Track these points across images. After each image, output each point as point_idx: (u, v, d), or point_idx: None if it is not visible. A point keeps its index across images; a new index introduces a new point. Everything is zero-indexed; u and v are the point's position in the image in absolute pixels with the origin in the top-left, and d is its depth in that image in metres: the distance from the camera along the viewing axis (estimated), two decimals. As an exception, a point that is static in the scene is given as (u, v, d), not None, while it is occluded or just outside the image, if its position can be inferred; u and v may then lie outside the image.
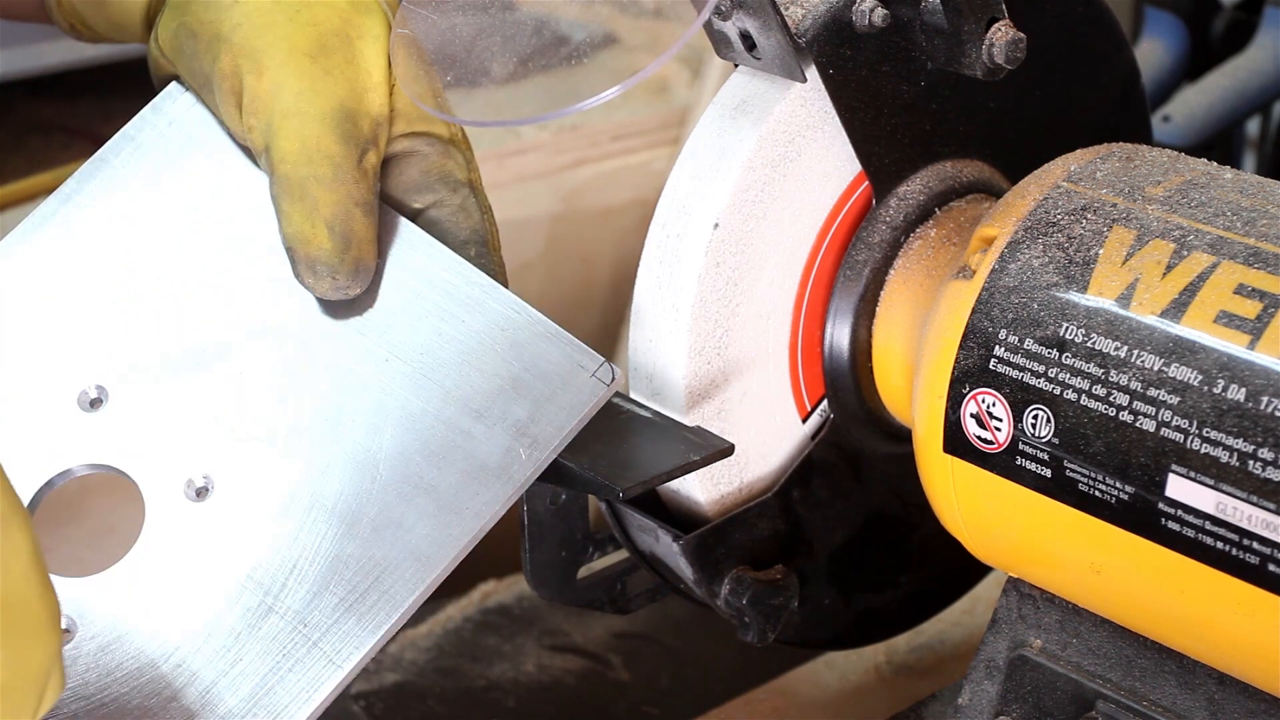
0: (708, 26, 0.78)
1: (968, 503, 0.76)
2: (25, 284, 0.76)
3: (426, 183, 0.78)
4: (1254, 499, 0.65)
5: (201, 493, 0.71)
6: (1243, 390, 0.65)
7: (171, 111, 0.79)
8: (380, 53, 0.77)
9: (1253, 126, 1.65)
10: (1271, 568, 0.65)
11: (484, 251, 0.79)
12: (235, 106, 0.76)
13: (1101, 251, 0.72)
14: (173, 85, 0.80)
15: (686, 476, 0.79)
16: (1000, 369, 0.73)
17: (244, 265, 0.76)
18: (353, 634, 0.68)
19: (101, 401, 0.73)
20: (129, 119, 0.81)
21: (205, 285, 0.76)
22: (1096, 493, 0.70)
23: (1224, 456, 0.66)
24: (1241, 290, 0.67)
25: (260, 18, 0.76)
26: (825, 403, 0.85)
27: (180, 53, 0.78)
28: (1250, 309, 0.67)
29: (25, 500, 0.71)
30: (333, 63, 0.75)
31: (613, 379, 0.72)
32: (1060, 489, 0.71)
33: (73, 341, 0.74)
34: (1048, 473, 0.71)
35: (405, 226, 0.77)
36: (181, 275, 0.76)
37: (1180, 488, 0.67)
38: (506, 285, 0.76)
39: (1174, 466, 0.67)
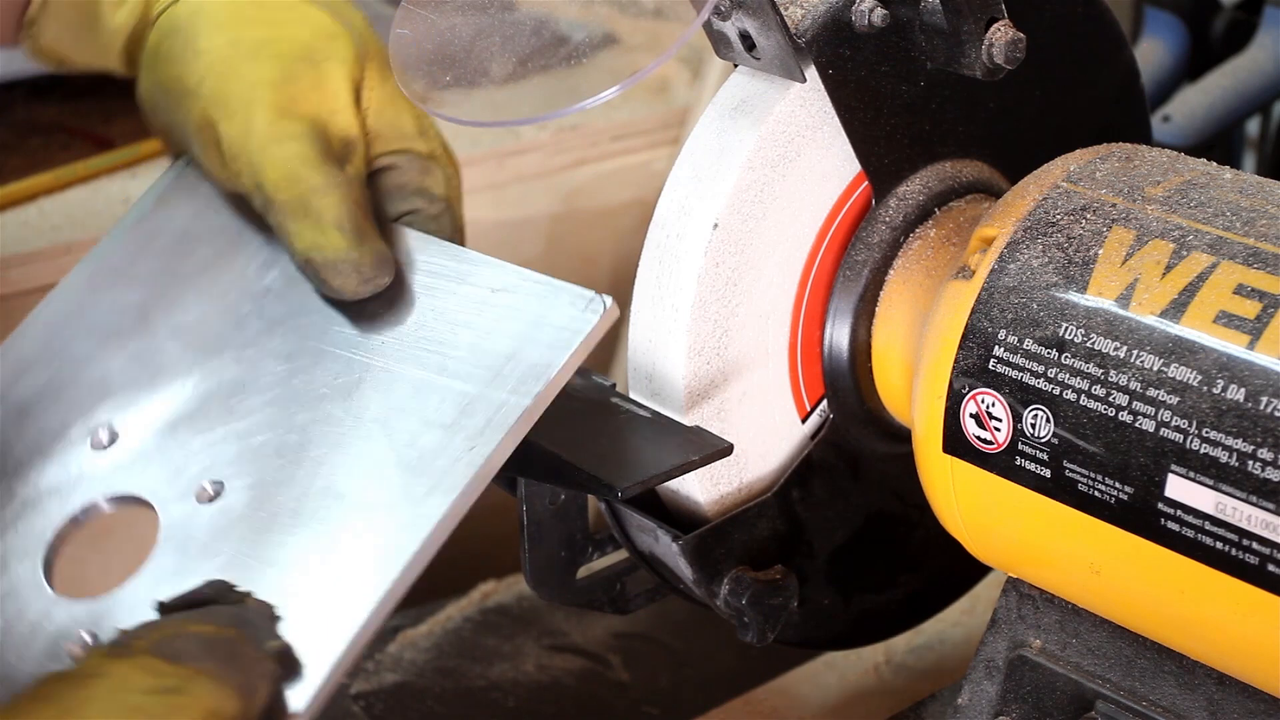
0: (707, 26, 0.78)
1: (967, 503, 0.76)
2: (47, 338, 0.78)
3: (404, 195, 0.81)
4: (1253, 499, 0.65)
5: (214, 498, 0.71)
6: (1242, 390, 0.65)
7: (172, 178, 0.82)
8: (346, 75, 0.79)
9: (1253, 126, 1.65)
10: (1271, 568, 0.65)
11: None
12: (216, 156, 0.77)
13: (1101, 252, 0.72)
14: (181, 161, 0.83)
15: (686, 476, 0.79)
16: (1000, 369, 0.73)
17: (239, 310, 0.77)
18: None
19: (115, 439, 0.74)
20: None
21: (205, 330, 0.77)
22: (1096, 493, 0.70)
23: (1223, 456, 0.66)
24: (1241, 290, 0.67)
25: (223, 65, 0.78)
26: (825, 403, 0.84)
27: (157, 108, 0.80)
28: (1250, 309, 0.67)
29: (47, 538, 0.72)
30: (299, 90, 0.78)
31: (605, 309, 0.73)
32: (1060, 489, 0.71)
33: (83, 387, 0.76)
34: (1047, 473, 0.71)
35: (389, 227, 0.79)
36: (182, 319, 0.78)
37: (1179, 488, 0.67)
38: None
39: (1173, 467, 0.67)
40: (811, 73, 0.78)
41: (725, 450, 0.77)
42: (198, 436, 0.73)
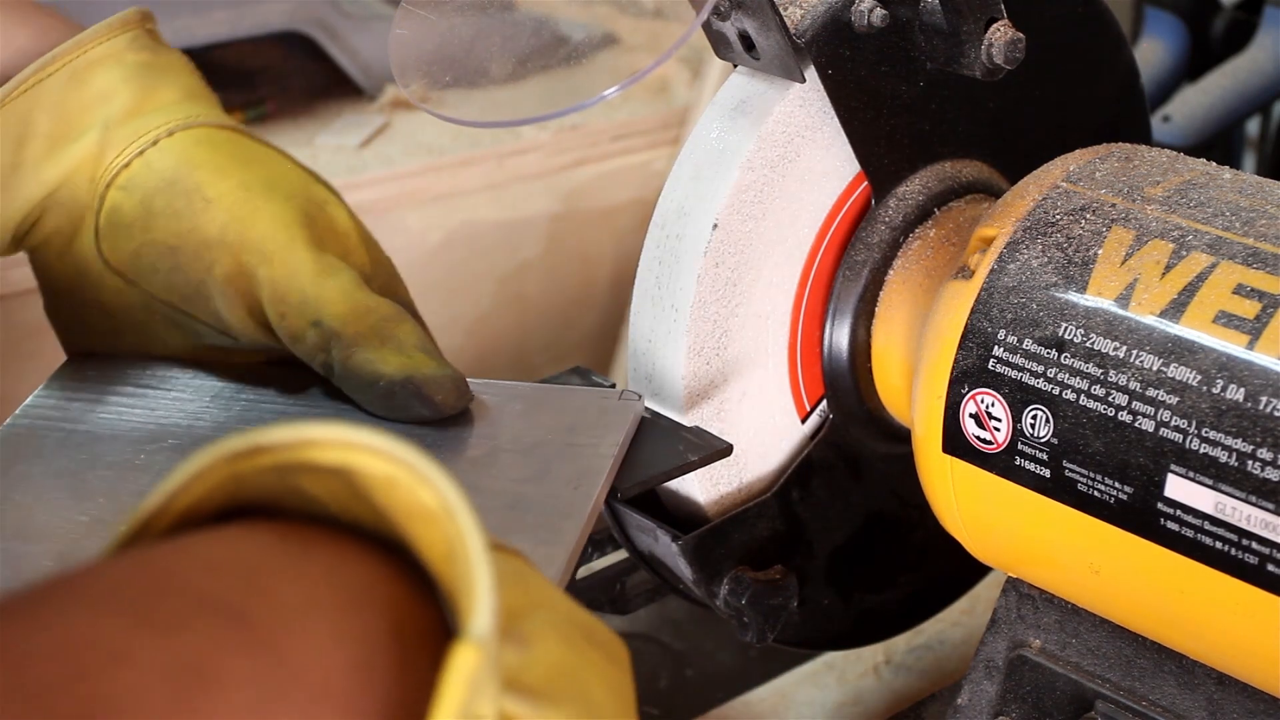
0: (706, 27, 0.78)
1: (967, 503, 0.76)
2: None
3: None
4: (1253, 499, 0.65)
5: None
6: (1241, 390, 0.65)
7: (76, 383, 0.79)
8: (346, 214, 0.78)
9: (1253, 126, 1.65)
10: (1270, 568, 0.65)
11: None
12: (244, 307, 0.75)
13: (1100, 252, 0.72)
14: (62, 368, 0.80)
15: (685, 476, 0.79)
16: (999, 369, 0.73)
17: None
18: None
19: None
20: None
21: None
22: (1095, 493, 0.70)
23: (1223, 456, 0.66)
24: (1240, 290, 0.67)
25: (242, 210, 0.75)
26: (824, 403, 0.85)
27: (152, 270, 0.77)
28: (1249, 309, 0.67)
29: None
30: (319, 228, 0.77)
31: (639, 397, 0.76)
32: (1059, 489, 0.71)
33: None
34: (1047, 473, 0.71)
35: None
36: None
37: (1179, 488, 0.67)
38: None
39: (1173, 466, 0.67)
40: (811, 73, 0.78)
41: (725, 451, 0.77)
42: None
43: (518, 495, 0.71)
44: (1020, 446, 0.72)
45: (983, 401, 0.73)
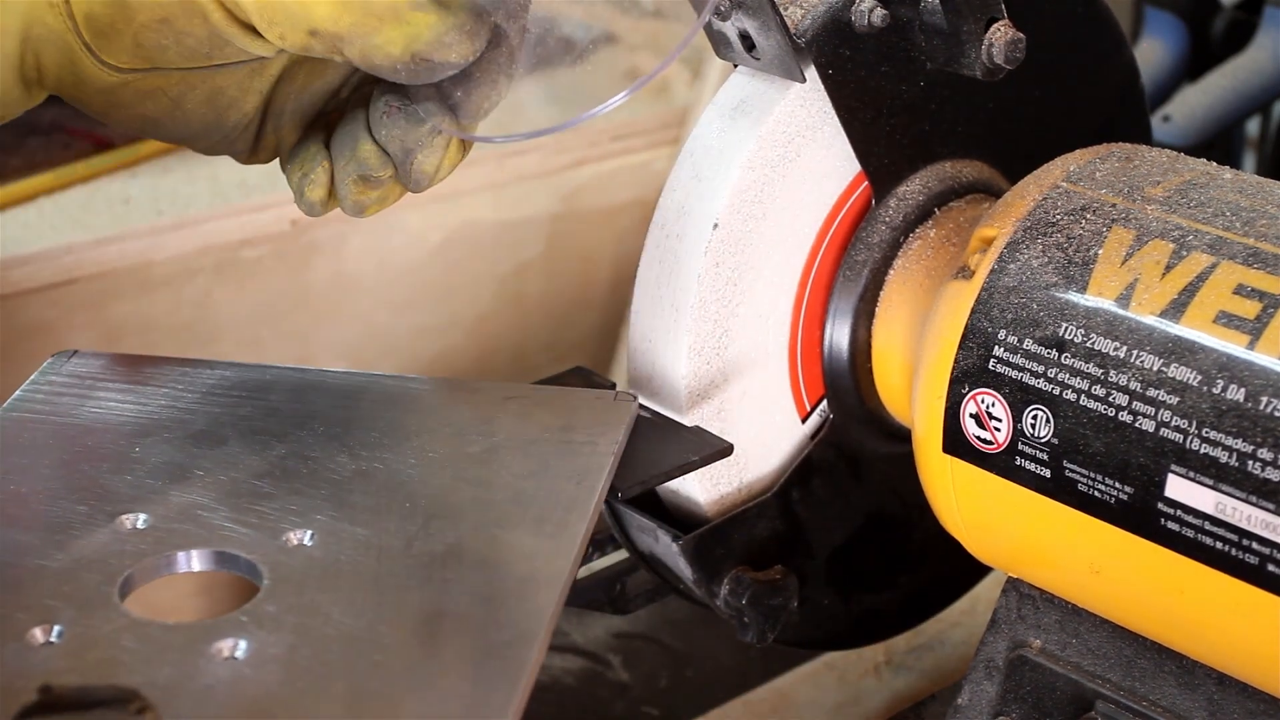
0: (706, 27, 0.78)
1: (967, 503, 0.76)
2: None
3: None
4: (1253, 499, 0.65)
5: (304, 545, 0.68)
6: (1242, 390, 0.65)
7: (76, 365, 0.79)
8: None
9: (1253, 126, 1.65)
10: (1270, 568, 0.65)
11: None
12: (234, 22, 0.73)
13: (1101, 252, 0.72)
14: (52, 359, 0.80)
15: (686, 476, 0.79)
16: (999, 369, 0.73)
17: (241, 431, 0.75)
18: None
19: (148, 525, 0.69)
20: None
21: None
22: (1096, 493, 0.70)
23: (1223, 457, 0.66)
24: (1241, 290, 0.67)
25: None
26: (825, 403, 0.85)
27: (160, 50, 0.75)
28: (1249, 309, 0.67)
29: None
30: None
31: (634, 397, 0.76)
32: (1060, 489, 0.71)
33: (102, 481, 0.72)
34: (1047, 473, 0.71)
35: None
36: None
37: (1179, 488, 0.67)
38: None
39: (1173, 467, 0.67)
40: (811, 73, 0.78)
41: (725, 450, 0.77)
42: (263, 504, 0.70)
43: (520, 490, 0.71)
44: (1021, 447, 0.72)
45: (983, 401, 0.73)
